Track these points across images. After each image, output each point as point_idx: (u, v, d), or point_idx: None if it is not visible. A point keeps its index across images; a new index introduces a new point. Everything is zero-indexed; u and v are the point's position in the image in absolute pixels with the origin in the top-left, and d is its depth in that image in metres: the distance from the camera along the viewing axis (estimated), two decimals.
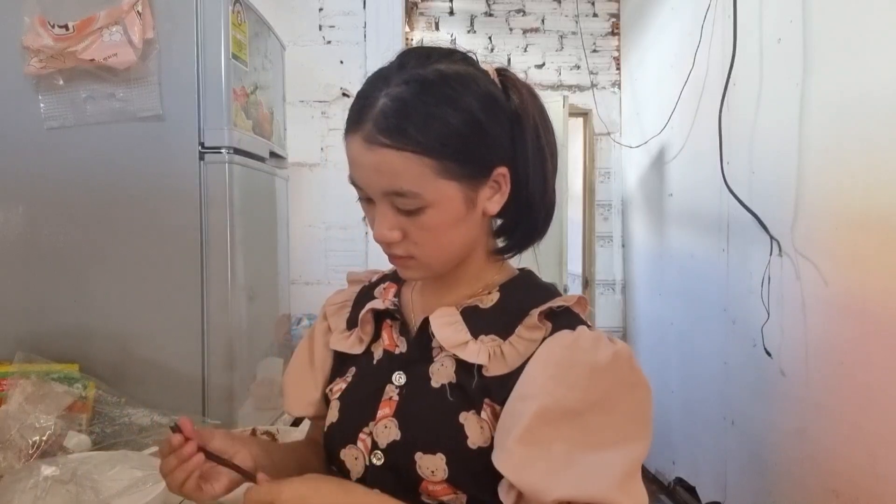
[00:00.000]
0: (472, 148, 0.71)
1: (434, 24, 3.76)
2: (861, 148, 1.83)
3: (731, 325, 2.61)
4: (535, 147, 0.76)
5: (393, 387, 0.79)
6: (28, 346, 1.42)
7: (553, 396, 0.67)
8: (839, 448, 1.92)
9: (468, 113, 0.71)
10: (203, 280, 1.48)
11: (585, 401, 0.68)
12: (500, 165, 0.74)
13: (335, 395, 0.85)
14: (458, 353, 0.74)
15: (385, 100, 0.69)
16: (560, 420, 0.67)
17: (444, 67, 0.72)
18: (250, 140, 1.62)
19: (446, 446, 0.72)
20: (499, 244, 0.82)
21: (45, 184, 1.49)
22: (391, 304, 0.84)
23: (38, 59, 1.42)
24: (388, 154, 0.69)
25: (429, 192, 0.70)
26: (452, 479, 0.72)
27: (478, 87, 0.73)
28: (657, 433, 3.65)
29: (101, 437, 1.37)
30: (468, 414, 0.73)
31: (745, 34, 2.41)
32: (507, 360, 0.73)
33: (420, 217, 0.71)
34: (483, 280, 0.81)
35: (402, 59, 0.74)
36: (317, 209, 3.03)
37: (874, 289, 1.78)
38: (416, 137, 0.68)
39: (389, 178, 0.70)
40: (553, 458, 0.66)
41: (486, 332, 0.76)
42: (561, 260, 3.21)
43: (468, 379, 0.74)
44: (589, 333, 0.72)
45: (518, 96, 0.76)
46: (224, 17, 1.48)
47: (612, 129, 3.84)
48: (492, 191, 0.75)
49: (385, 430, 0.76)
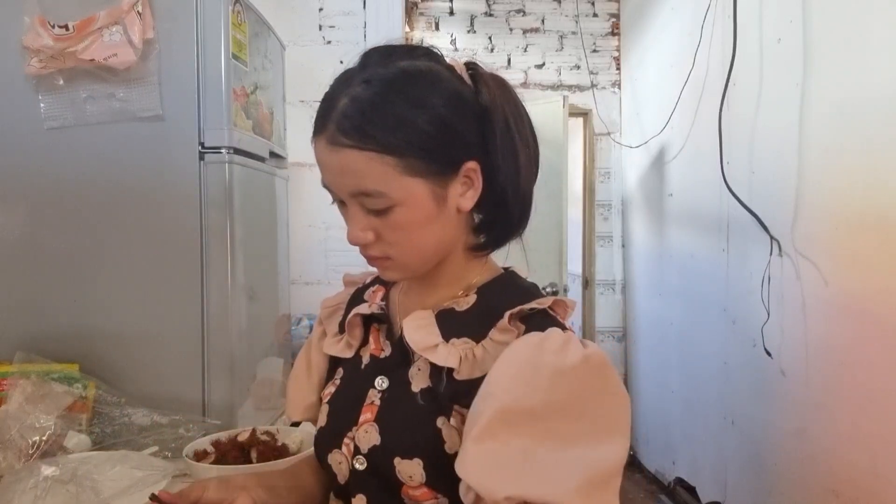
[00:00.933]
0: (436, 144, 0.70)
1: (434, 24, 3.76)
2: (861, 148, 1.83)
3: (731, 325, 2.61)
4: (506, 140, 0.74)
5: (375, 391, 0.78)
6: (28, 346, 1.42)
7: (513, 396, 0.65)
8: (839, 448, 1.92)
9: (430, 109, 0.70)
10: (203, 280, 1.48)
11: (548, 403, 0.65)
12: (468, 160, 0.73)
13: (325, 399, 0.85)
14: (428, 356, 0.73)
15: (346, 100, 0.69)
16: (519, 420, 0.64)
17: (406, 65, 0.72)
18: (250, 140, 1.62)
19: (423, 451, 0.72)
20: (480, 241, 0.81)
21: (45, 184, 1.49)
22: (378, 307, 0.84)
23: (38, 59, 1.42)
24: (351, 154, 0.69)
25: (394, 191, 0.70)
26: (431, 484, 0.71)
27: (440, 82, 0.72)
28: (657, 433, 3.66)
29: (101, 437, 1.37)
30: (444, 419, 0.72)
31: (745, 34, 2.41)
32: (479, 363, 0.71)
33: (390, 216, 0.71)
34: (465, 280, 0.80)
35: (364, 59, 0.74)
36: (317, 209, 3.03)
37: (874, 289, 1.78)
38: (376, 136, 0.68)
39: (354, 178, 0.70)
40: (508, 456, 0.63)
41: (458, 335, 0.74)
42: (561, 260, 3.21)
43: (439, 383, 0.73)
44: (559, 335, 0.69)
45: (487, 90, 0.75)
46: (224, 17, 1.48)
47: (612, 129, 3.84)
48: (463, 187, 0.74)
49: (366, 434, 0.75)
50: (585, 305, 3.93)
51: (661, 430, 3.42)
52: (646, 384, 3.66)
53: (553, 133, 3.16)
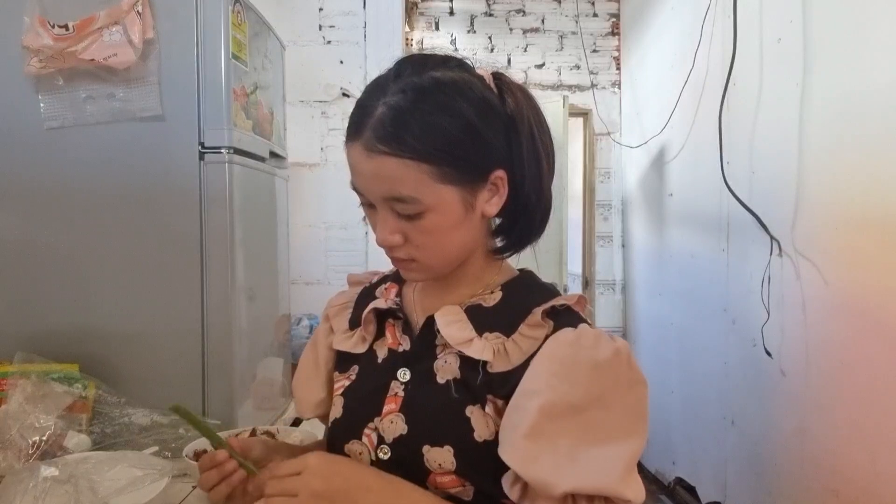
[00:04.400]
0: (469, 153, 0.73)
1: (434, 24, 3.76)
2: (861, 148, 1.83)
3: (731, 325, 2.61)
4: (531, 149, 0.78)
5: (398, 383, 0.81)
6: (28, 346, 1.42)
7: (557, 392, 0.70)
8: (839, 448, 1.92)
9: (464, 119, 0.72)
10: (203, 280, 1.48)
11: (587, 396, 0.70)
12: (496, 168, 0.76)
13: (338, 392, 0.87)
14: (464, 350, 0.76)
15: (383, 108, 0.72)
16: (564, 415, 0.70)
17: (440, 74, 0.74)
18: (250, 140, 1.62)
19: (453, 439, 0.75)
20: (497, 244, 0.84)
21: (45, 184, 1.49)
22: (393, 303, 0.86)
23: (38, 59, 1.42)
24: (387, 161, 0.71)
25: (428, 198, 0.72)
26: (460, 471, 0.74)
27: (473, 92, 0.74)
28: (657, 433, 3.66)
29: (101, 437, 1.37)
30: (473, 408, 0.75)
31: (745, 34, 2.41)
32: (510, 356, 0.75)
33: (420, 221, 0.74)
34: (483, 280, 0.83)
35: (398, 68, 0.76)
36: (317, 209, 3.03)
37: (874, 289, 1.78)
38: (413, 144, 0.70)
39: (389, 184, 0.72)
40: (559, 452, 0.68)
41: (490, 329, 0.77)
42: (561, 260, 3.21)
43: (473, 374, 0.76)
44: (590, 331, 0.74)
45: (513, 99, 0.78)
46: (224, 17, 1.48)
47: (612, 129, 3.84)
48: (490, 193, 0.77)
49: (391, 424, 0.78)
50: None
51: (661, 430, 3.42)
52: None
53: (553, 133, 3.14)
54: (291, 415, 1.82)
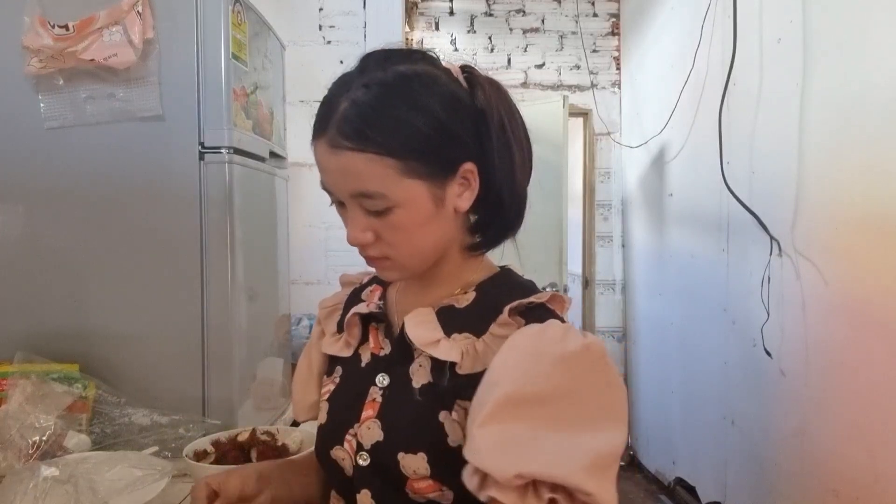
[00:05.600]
0: (435, 146, 0.72)
1: (434, 24, 3.76)
2: (861, 148, 1.83)
3: (731, 325, 2.61)
4: (502, 141, 0.76)
5: (376, 388, 0.80)
6: (28, 346, 1.42)
7: (516, 384, 0.66)
8: (839, 448, 1.92)
9: (428, 112, 0.72)
10: (203, 280, 1.48)
11: (551, 389, 0.66)
12: (465, 162, 0.75)
13: (324, 397, 0.87)
14: (431, 352, 0.74)
15: (346, 104, 0.71)
16: (524, 404, 0.66)
17: (404, 69, 0.73)
18: (250, 140, 1.62)
19: (427, 446, 0.73)
20: (475, 240, 0.82)
21: (45, 184, 1.49)
22: (376, 306, 0.85)
23: (38, 59, 1.42)
24: (352, 157, 0.70)
25: (394, 192, 0.71)
26: (435, 476, 0.73)
27: (437, 86, 0.74)
28: (657, 433, 3.66)
29: (101, 437, 1.37)
30: (446, 413, 0.74)
31: (745, 34, 2.41)
32: (480, 357, 0.73)
33: (389, 217, 0.73)
34: (462, 279, 0.82)
35: (362, 63, 0.75)
36: (317, 209, 3.03)
37: (874, 289, 1.78)
38: (376, 139, 0.70)
39: (355, 180, 0.71)
40: (515, 436, 0.64)
41: (459, 330, 0.76)
42: (561, 260, 3.21)
43: (442, 377, 0.75)
44: (559, 325, 0.71)
45: (483, 92, 0.76)
46: (224, 17, 1.48)
47: (612, 129, 3.85)
48: (461, 188, 0.76)
49: (368, 431, 0.77)
50: (585, 305, 3.93)
51: (661, 430, 3.42)
52: (646, 384, 3.66)
53: (553, 133, 3.16)
54: (291, 415, 1.82)
